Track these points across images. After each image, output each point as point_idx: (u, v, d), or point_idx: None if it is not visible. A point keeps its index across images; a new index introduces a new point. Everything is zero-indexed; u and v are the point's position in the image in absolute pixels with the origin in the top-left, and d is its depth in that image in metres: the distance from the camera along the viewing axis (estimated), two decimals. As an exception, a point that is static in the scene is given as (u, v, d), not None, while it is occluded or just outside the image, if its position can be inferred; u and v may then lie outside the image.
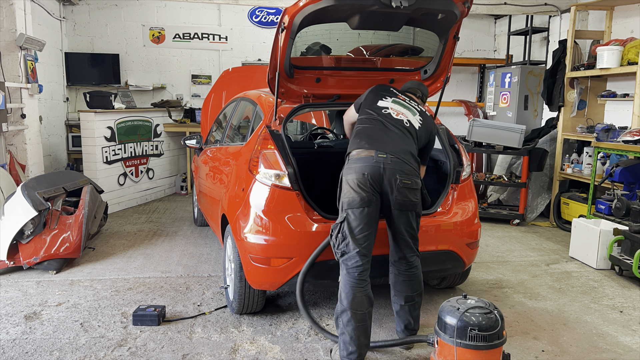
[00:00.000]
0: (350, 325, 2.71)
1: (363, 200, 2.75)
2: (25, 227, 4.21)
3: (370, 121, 3.03)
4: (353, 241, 2.74)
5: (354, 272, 2.74)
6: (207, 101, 6.29)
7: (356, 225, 2.74)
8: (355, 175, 2.79)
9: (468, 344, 2.36)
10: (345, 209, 2.78)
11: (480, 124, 6.29)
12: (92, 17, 8.16)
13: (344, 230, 2.75)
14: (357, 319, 2.71)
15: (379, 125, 2.99)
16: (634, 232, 4.23)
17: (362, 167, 2.80)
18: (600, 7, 6.06)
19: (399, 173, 2.81)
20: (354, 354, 2.71)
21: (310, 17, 3.03)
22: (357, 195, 2.75)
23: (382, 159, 2.81)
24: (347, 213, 2.76)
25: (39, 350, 2.96)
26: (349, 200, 2.77)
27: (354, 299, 2.71)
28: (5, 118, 5.27)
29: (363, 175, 2.77)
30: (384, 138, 2.93)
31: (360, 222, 2.75)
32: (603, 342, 3.18)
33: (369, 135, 2.95)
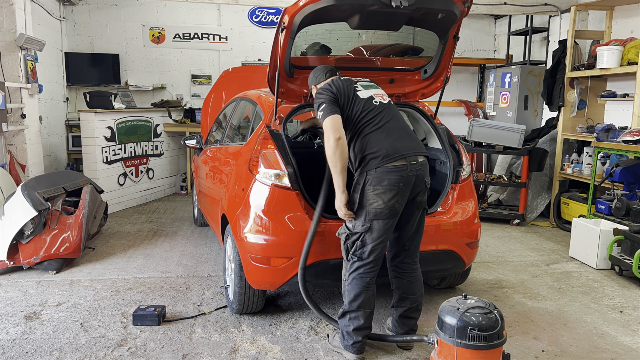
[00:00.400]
0: (357, 321, 2.81)
1: (393, 212, 2.75)
2: (25, 227, 4.21)
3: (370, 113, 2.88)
4: (372, 249, 2.77)
5: (366, 278, 2.79)
6: (207, 101, 6.29)
7: (379, 235, 2.76)
8: (388, 188, 2.71)
9: (468, 344, 2.35)
10: (371, 219, 2.74)
11: (480, 124, 6.29)
12: (92, 17, 8.16)
13: (365, 238, 2.76)
14: (364, 317, 2.82)
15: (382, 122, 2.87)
16: (634, 232, 4.23)
17: (397, 179, 2.72)
18: (600, 7, 6.06)
19: (426, 176, 2.86)
20: (357, 344, 2.85)
21: (310, 17, 3.03)
22: (388, 208, 2.72)
23: (414, 167, 2.78)
24: (373, 223, 2.74)
25: (39, 350, 2.96)
26: (377, 212, 2.72)
27: (364, 300, 2.80)
28: (5, 118, 5.27)
29: (399, 186, 2.73)
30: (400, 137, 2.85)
31: (385, 232, 2.77)
32: (603, 342, 3.18)
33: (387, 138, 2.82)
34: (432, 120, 3.72)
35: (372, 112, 2.90)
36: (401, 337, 2.96)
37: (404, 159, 2.76)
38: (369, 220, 2.74)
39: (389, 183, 2.72)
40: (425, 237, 3.23)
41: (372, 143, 2.80)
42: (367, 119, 2.87)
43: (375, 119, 2.89)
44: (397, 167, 2.74)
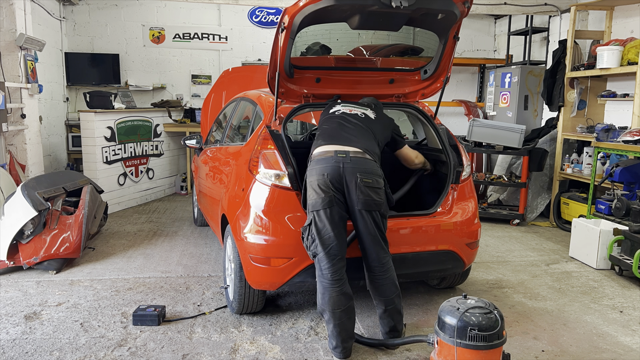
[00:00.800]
0: (330, 322, 2.81)
1: (324, 201, 2.79)
2: (25, 227, 4.21)
3: (326, 122, 3.17)
4: (321, 243, 2.79)
5: (326, 273, 2.80)
6: (207, 101, 6.29)
7: (322, 226, 2.79)
8: (316, 177, 2.84)
9: (468, 344, 2.36)
10: (311, 210, 2.83)
11: (480, 124, 6.29)
12: (92, 17, 8.16)
13: (312, 232, 2.81)
14: (335, 317, 2.79)
15: (335, 124, 3.12)
16: (634, 232, 4.23)
17: (322, 168, 2.85)
18: (600, 7, 6.06)
19: (359, 172, 2.84)
20: (338, 348, 2.83)
21: (310, 17, 3.03)
22: (319, 197, 2.80)
23: (341, 159, 2.86)
24: (313, 215, 2.81)
25: (39, 350, 2.96)
26: (313, 202, 2.82)
27: (330, 298, 2.78)
28: (5, 118, 5.27)
29: (323, 176, 2.82)
30: (342, 134, 3.03)
31: (325, 223, 2.79)
32: (603, 342, 3.18)
33: (328, 134, 3.06)
34: (432, 120, 3.72)
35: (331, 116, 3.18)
36: (401, 340, 2.96)
37: (331, 151, 2.89)
38: (310, 212, 2.83)
39: (315, 172, 2.86)
40: (425, 238, 3.24)
41: (315, 140, 3.11)
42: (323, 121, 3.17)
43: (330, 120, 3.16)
44: (323, 158, 2.89)
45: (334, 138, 3.01)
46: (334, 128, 3.10)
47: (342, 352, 2.84)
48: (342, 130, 3.07)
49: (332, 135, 3.04)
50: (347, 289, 2.82)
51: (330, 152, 2.90)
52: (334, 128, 3.10)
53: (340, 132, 3.05)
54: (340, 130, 3.06)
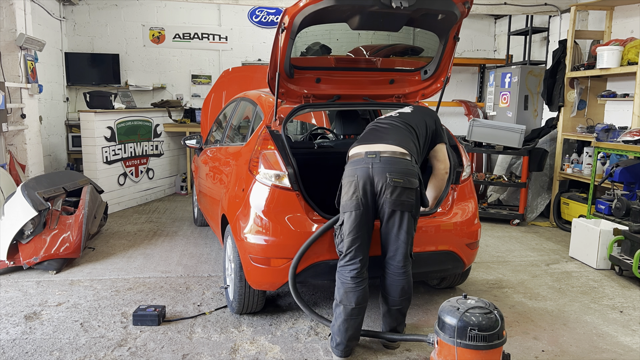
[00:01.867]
0: (340, 318, 2.82)
1: (352, 203, 2.81)
2: (25, 227, 4.21)
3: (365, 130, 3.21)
4: (347, 243, 2.82)
5: (344, 271, 2.83)
6: (207, 101, 6.28)
7: (348, 227, 2.82)
8: (348, 179, 2.88)
9: (468, 344, 2.36)
10: (341, 211, 2.88)
11: (480, 124, 6.29)
12: (92, 17, 8.16)
13: (342, 232, 2.85)
14: (347, 313, 2.80)
15: (371, 128, 3.15)
16: (634, 232, 4.23)
17: (353, 170, 2.87)
18: (600, 7, 6.06)
19: (388, 172, 2.81)
20: (341, 345, 2.84)
21: (311, 18, 3.03)
22: (349, 199, 2.83)
23: (370, 159, 2.85)
24: (344, 216, 2.85)
25: (39, 350, 2.96)
26: (343, 203, 2.88)
27: (346, 294, 2.81)
28: (5, 118, 5.27)
29: (354, 177, 2.84)
30: (374, 134, 3.06)
31: (351, 225, 2.81)
32: (603, 342, 3.18)
33: (362, 137, 3.10)
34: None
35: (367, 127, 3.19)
36: (400, 336, 2.97)
37: (362, 152, 2.90)
38: (341, 213, 2.87)
39: (348, 174, 2.88)
40: (425, 238, 3.24)
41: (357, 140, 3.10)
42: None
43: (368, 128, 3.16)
44: (355, 160, 2.90)
45: (366, 139, 3.05)
46: (368, 131, 3.15)
47: (344, 350, 2.85)
48: (376, 131, 3.10)
49: (365, 137, 3.08)
50: (365, 288, 2.85)
51: (361, 153, 2.91)
52: (368, 131, 3.15)
53: (374, 133, 3.09)
54: (373, 131, 3.11)
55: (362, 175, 2.82)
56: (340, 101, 3.66)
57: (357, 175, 2.83)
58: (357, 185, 2.82)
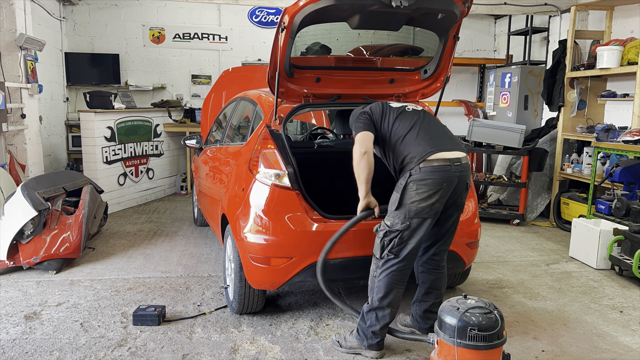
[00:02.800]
0: (384, 320, 2.84)
1: (432, 211, 2.76)
2: (25, 227, 4.21)
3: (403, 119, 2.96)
4: (408, 247, 2.78)
5: (398, 275, 2.82)
6: (207, 101, 6.29)
7: (418, 234, 2.78)
8: (433, 186, 2.73)
9: (468, 343, 2.36)
10: (412, 217, 2.75)
11: (480, 124, 6.29)
12: (92, 17, 8.16)
13: (404, 236, 2.76)
14: (391, 316, 2.86)
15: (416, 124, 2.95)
16: (634, 232, 4.23)
17: (441, 179, 2.75)
18: (600, 7, 6.06)
19: (467, 178, 2.90)
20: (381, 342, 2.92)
21: (310, 17, 3.03)
22: (428, 205, 2.74)
23: (457, 168, 2.80)
24: (412, 222, 2.75)
25: (39, 350, 2.96)
26: (418, 210, 2.74)
27: (394, 298, 2.84)
28: (5, 118, 5.27)
29: (442, 186, 2.75)
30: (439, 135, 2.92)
31: (424, 231, 2.79)
32: (603, 342, 3.18)
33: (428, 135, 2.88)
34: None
35: (404, 118, 2.98)
36: (402, 335, 2.97)
37: (447, 160, 2.77)
38: (409, 218, 2.75)
39: (432, 182, 2.74)
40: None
41: (407, 144, 2.87)
42: (399, 124, 2.94)
43: (407, 123, 2.95)
44: (441, 167, 2.76)
45: (436, 141, 2.86)
46: (426, 128, 2.93)
47: (381, 345, 2.93)
48: (435, 130, 2.96)
49: (434, 138, 2.88)
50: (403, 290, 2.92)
51: (447, 160, 2.78)
52: (427, 128, 2.93)
53: (436, 133, 2.94)
54: (433, 131, 2.95)
55: (450, 184, 2.78)
56: (340, 101, 3.66)
57: (445, 184, 2.76)
58: (443, 193, 2.76)
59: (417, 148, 2.81)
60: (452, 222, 3.00)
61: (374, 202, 2.92)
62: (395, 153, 2.91)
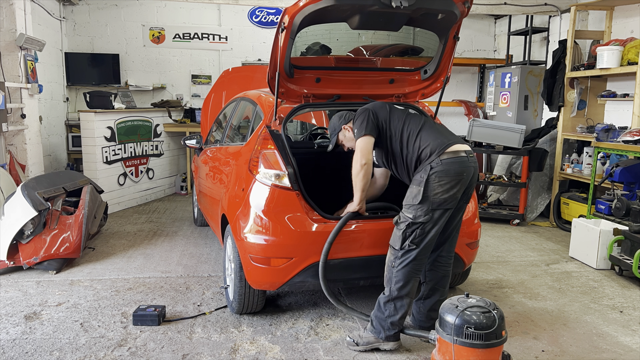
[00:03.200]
0: (402, 310, 2.88)
1: (452, 201, 2.84)
2: (25, 227, 4.21)
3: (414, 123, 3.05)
4: (430, 237, 2.84)
5: (418, 265, 2.87)
6: (207, 101, 6.29)
7: (440, 223, 2.85)
8: (453, 178, 2.81)
9: (464, 341, 2.37)
10: (434, 208, 2.81)
11: (480, 124, 6.29)
12: (92, 17, 8.16)
13: (426, 227, 2.82)
14: (409, 305, 2.92)
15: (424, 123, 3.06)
16: (634, 232, 4.23)
17: (460, 169, 2.84)
18: (600, 7, 6.06)
19: (477, 169, 2.98)
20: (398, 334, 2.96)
21: (310, 17, 3.03)
22: (450, 197, 2.82)
23: (472, 159, 2.93)
24: (435, 213, 2.81)
25: (39, 350, 2.96)
26: (441, 201, 2.80)
27: (413, 287, 2.88)
28: (5, 118, 5.27)
29: (462, 176, 2.84)
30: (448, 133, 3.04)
31: (444, 221, 2.87)
32: (603, 342, 3.18)
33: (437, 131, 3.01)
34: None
35: (413, 117, 3.08)
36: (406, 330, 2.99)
37: (462, 151, 2.88)
38: (432, 210, 2.81)
39: (454, 173, 2.82)
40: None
41: (424, 139, 2.94)
42: (409, 123, 3.04)
43: (417, 121, 3.05)
44: (460, 159, 2.86)
45: (446, 135, 2.99)
46: (435, 126, 3.07)
47: (395, 336, 2.95)
48: (442, 128, 3.10)
49: (445, 133, 3.01)
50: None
51: (462, 151, 2.88)
52: (436, 126, 3.08)
53: (445, 130, 3.08)
54: (442, 128, 3.09)
55: (468, 173, 2.87)
56: (340, 101, 3.66)
57: (464, 174, 2.84)
58: (463, 183, 2.84)
59: (436, 141, 2.91)
60: (460, 216, 3.05)
61: (364, 209, 3.09)
62: (409, 148, 2.98)
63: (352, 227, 3.13)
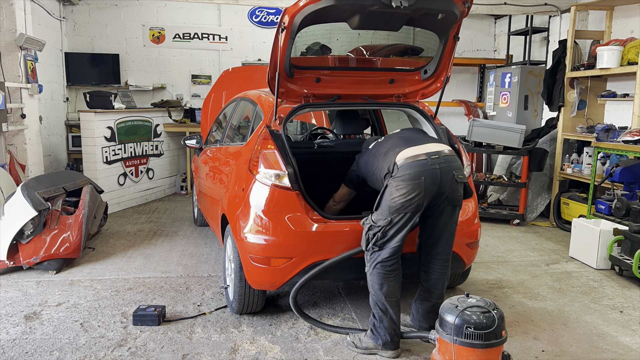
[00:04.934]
0: (386, 315, 2.87)
1: (412, 205, 2.79)
2: (25, 227, 4.21)
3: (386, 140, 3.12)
4: (393, 241, 2.83)
5: (385, 266, 2.86)
6: (207, 101, 6.29)
7: (401, 227, 2.82)
8: (411, 182, 2.78)
9: (464, 341, 2.38)
10: (392, 213, 2.80)
11: (480, 124, 6.29)
12: (92, 17, 8.16)
13: (387, 231, 2.82)
14: (392, 306, 2.88)
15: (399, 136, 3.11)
16: (634, 232, 4.23)
17: (417, 173, 2.80)
18: (600, 7, 6.06)
19: (454, 169, 2.91)
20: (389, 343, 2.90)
21: (310, 17, 3.02)
22: (409, 202, 2.78)
23: (436, 160, 2.85)
24: (395, 217, 2.80)
25: (39, 350, 2.96)
26: (399, 207, 2.79)
27: (388, 288, 2.86)
28: (5, 118, 5.27)
29: (420, 180, 2.79)
30: (414, 139, 3.03)
31: (405, 225, 2.83)
32: (603, 342, 3.18)
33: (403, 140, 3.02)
34: (432, 120, 3.72)
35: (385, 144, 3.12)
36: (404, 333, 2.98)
37: (421, 154, 2.85)
38: (390, 214, 2.80)
39: (410, 177, 2.79)
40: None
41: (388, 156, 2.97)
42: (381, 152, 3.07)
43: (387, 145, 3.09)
44: (418, 162, 2.83)
45: (412, 141, 2.99)
46: (403, 137, 3.09)
47: (393, 344, 2.91)
48: (413, 134, 3.11)
49: (409, 139, 3.01)
50: (400, 280, 2.93)
51: (420, 155, 2.84)
52: (403, 137, 3.09)
53: (409, 137, 3.06)
54: (406, 137, 3.07)
55: (430, 176, 2.80)
56: (340, 101, 3.66)
57: (424, 177, 2.79)
58: (422, 187, 2.78)
59: (394, 152, 2.94)
60: (448, 218, 2.98)
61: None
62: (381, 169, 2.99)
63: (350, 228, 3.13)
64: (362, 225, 2.95)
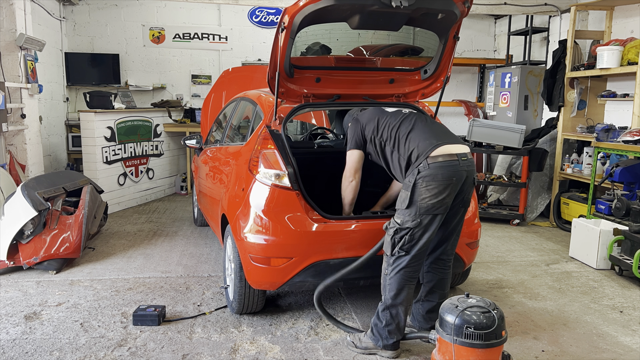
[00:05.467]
0: (398, 318, 2.85)
1: (442, 206, 2.77)
2: (25, 227, 4.21)
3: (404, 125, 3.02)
4: (420, 243, 2.78)
5: (410, 272, 2.82)
6: (207, 101, 6.29)
7: (428, 230, 2.78)
8: (442, 181, 2.74)
9: (464, 341, 2.37)
10: (422, 214, 2.75)
11: (480, 124, 6.29)
12: (92, 17, 8.17)
13: (414, 233, 2.76)
14: (405, 313, 2.86)
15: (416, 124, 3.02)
16: (634, 232, 4.23)
17: (450, 173, 2.77)
18: (600, 7, 6.06)
19: (475, 174, 2.94)
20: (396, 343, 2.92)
21: (310, 17, 3.03)
22: (440, 203, 2.75)
23: (465, 163, 2.83)
24: (423, 218, 2.75)
25: (39, 350, 2.96)
26: (429, 207, 2.74)
27: (407, 295, 2.84)
28: (5, 118, 5.27)
29: (451, 181, 2.77)
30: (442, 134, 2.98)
31: (435, 227, 2.80)
32: (603, 342, 3.18)
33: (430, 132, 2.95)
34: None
35: (404, 119, 3.06)
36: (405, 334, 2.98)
37: (454, 154, 2.81)
38: (419, 215, 2.75)
39: (442, 178, 2.76)
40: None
41: (413, 140, 2.90)
42: (400, 126, 3.01)
43: (408, 122, 3.02)
44: (449, 163, 2.79)
45: (441, 136, 2.92)
46: (428, 126, 3.00)
47: (397, 344, 2.92)
48: (437, 127, 3.04)
49: (437, 133, 2.94)
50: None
51: (454, 155, 2.81)
52: (429, 126, 3.00)
53: (439, 129, 3.01)
54: (436, 128, 3.02)
55: (459, 178, 2.80)
56: (340, 101, 3.66)
57: (454, 179, 2.77)
58: (452, 189, 2.77)
59: (424, 142, 2.86)
60: (459, 220, 3.01)
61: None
62: (400, 151, 2.95)
63: (352, 227, 3.13)
64: (384, 230, 2.88)
